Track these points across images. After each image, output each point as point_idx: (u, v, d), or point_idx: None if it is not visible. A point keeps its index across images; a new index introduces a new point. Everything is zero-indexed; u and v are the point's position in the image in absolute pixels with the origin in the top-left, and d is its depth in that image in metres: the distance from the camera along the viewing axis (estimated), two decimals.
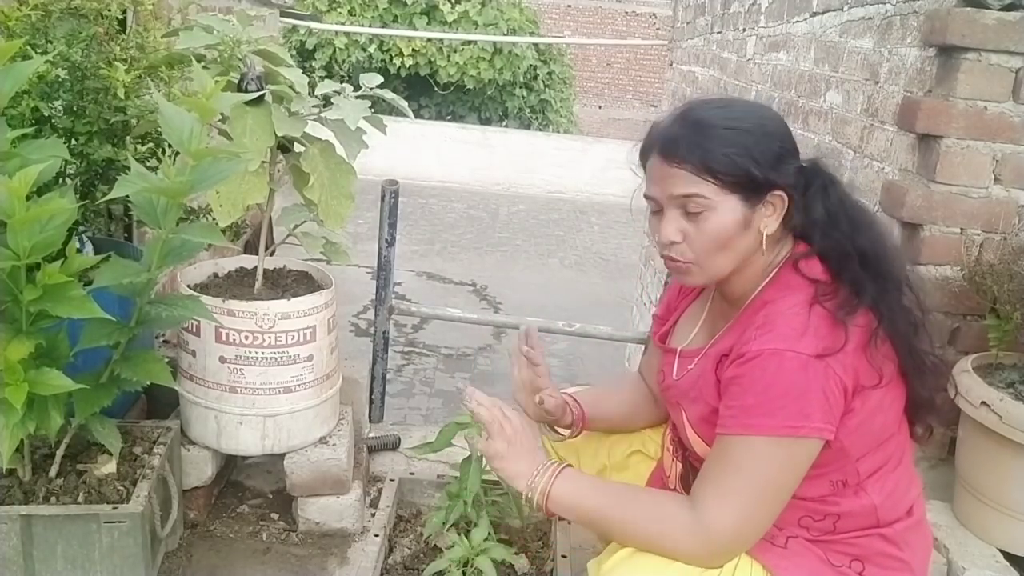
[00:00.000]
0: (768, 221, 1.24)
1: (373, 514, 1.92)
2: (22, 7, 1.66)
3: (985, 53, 1.87)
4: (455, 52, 11.77)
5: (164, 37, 1.87)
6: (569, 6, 17.49)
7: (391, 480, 2.01)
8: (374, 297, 2.49)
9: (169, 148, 1.58)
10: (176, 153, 1.42)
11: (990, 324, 1.88)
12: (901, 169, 2.09)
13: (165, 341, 2.23)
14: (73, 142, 1.72)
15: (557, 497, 1.25)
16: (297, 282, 1.88)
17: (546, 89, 12.82)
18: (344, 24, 11.01)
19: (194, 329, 1.69)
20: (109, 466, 1.58)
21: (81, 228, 1.80)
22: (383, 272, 2.40)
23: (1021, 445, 1.68)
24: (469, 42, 11.63)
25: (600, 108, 17.82)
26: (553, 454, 1.63)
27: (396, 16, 11.69)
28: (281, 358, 1.71)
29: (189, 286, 1.76)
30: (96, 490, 1.53)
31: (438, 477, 2.03)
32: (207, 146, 1.39)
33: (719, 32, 4.10)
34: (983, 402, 1.74)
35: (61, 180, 1.69)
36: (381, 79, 1.77)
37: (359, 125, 1.66)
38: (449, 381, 5.23)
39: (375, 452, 2.21)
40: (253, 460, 2.06)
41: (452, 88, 12.23)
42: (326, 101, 1.69)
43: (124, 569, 1.50)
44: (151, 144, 1.86)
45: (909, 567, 1.27)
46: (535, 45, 12.08)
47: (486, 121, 12.58)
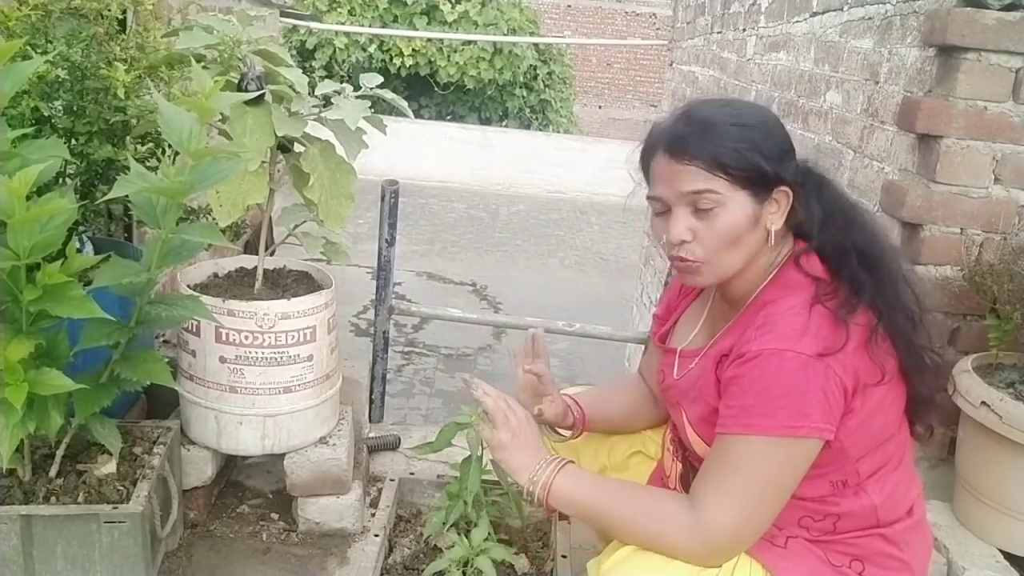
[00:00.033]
0: (774, 218, 1.24)
1: (373, 514, 1.92)
2: (22, 7, 1.66)
3: (985, 53, 1.87)
4: (455, 52, 11.77)
5: (164, 37, 1.87)
6: (569, 6, 17.48)
7: (391, 480, 2.01)
8: (374, 297, 2.50)
9: (169, 148, 1.58)
10: (176, 153, 1.42)
11: (990, 324, 1.88)
12: (901, 169, 2.09)
13: (165, 341, 2.23)
14: (73, 142, 1.73)
15: (558, 492, 1.26)
16: (297, 282, 1.88)
17: (546, 89, 12.81)
18: (344, 24, 11.01)
19: (194, 329, 1.69)
20: (109, 466, 1.58)
21: (81, 228, 1.80)
22: (383, 272, 2.41)
23: (1021, 445, 1.68)
24: (469, 42, 11.63)
25: (600, 108, 17.82)
26: (554, 453, 1.63)
27: (396, 16, 11.69)
28: (281, 358, 1.71)
29: (189, 286, 1.76)
30: (96, 490, 1.53)
31: (438, 477, 2.03)
32: (207, 146, 1.39)
33: (719, 32, 4.10)
34: (983, 402, 1.74)
35: (61, 180, 1.69)
36: (381, 79, 1.77)
37: (359, 125, 1.66)
38: (449, 381, 5.23)
39: (375, 452, 2.21)
40: (253, 460, 2.06)
41: (452, 88, 12.23)
42: (326, 101, 1.69)
43: (124, 569, 1.50)
44: (151, 144, 1.86)
45: (909, 567, 1.27)
46: (535, 45, 12.08)
47: (486, 121, 12.58)
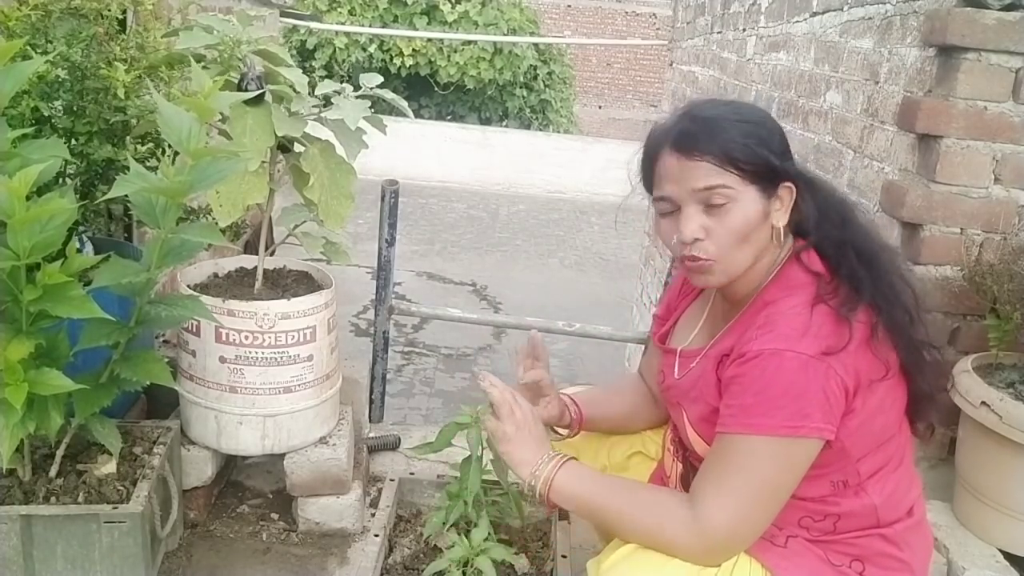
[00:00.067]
0: (779, 215, 1.25)
1: (373, 514, 1.92)
2: (22, 7, 1.66)
3: (985, 53, 1.87)
4: (455, 52, 11.77)
5: (164, 37, 1.87)
6: (569, 6, 17.48)
7: (391, 480, 2.01)
8: (374, 297, 2.50)
9: (169, 148, 1.58)
10: (175, 153, 1.42)
11: (990, 324, 1.88)
12: (901, 169, 2.09)
13: (165, 341, 2.23)
14: (73, 142, 1.72)
15: (559, 487, 1.27)
16: (297, 282, 1.88)
17: (546, 89, 12.81)
18: (344, 24, 11.01)
19: (194, 329, 1.69)
20: (109, 466, 1.58)
21: (81, 228, 1.80)
22: (383, 272, 2.41)
23: (1021, 445, 1.68)
24: (469, 42, 11.63)
25: (600, 108, 17.82)
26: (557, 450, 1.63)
27: (396, 16, 11.69)
28: (281, 358, 1.71)
29: (189, 286, 1.76)
30: (96, 490, 1.53)
31: (438, 477, 2.03)
32: (206, 146, 1.39)
33: (719, 32, 4.10)
34: (983, 402, 1.74)
35: (61, 180, 1.69)
36: (381, 79, 1.77)
37: (359, 125, 1.66)
38: (449, 381, 5.23)
39: (375, 452, 2.21)
40: (253, 460, 2.06)
41: (452, 88, 12.23)
42: (326, 101, 1.69)
43: (124, 569, 1.50)
44: (151, 144, 1.86)
45: (909, 567, 1.27)
46: (535, 45, 12.08)
47: (486, 121, 12.58)
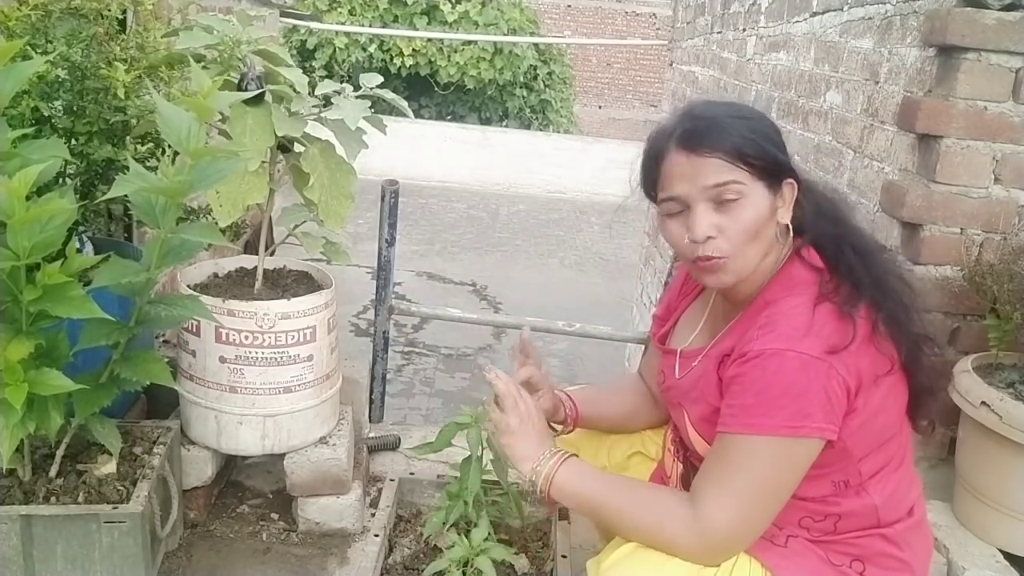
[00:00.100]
0: (783, 211, 1.25)
1: (373, 514, 1.92)
2: (22, 7, 1.66)
3: (985, 53, 1.87)
4: (455, 52, 11.77)
5: (164, 37, 1.87)
6: (569, 6, 17.48)
7: (391, 480, 2.01)
8: (374, 297, 2.50)
9: (168, 148, 1.58)
10: (175, 153, 1.42)
11: (990, 324, 1.88)
12: (901, 169, 2.09)
13: (165, 341, 2.23)
14: (73, 142, 1.72)
15: (560, 483, 1.27)
16: (297, 282, 1.88)
17: (546, 89, 12.81)
18: (344, 24, 11.01)
19: (194, 329, 1.69)
20: (109, 466, 1.58)
21: (81, 228, 1.80)
22: (383, 272, 2.40)
23: (1021, 445, 1.68)
24: (469, 42, 11.63)
25: (600, 108, 17.82)
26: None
27: (396, 16, 11.69)
28: (281, 358, 1.71)
29: (189, 286, 1.76)
30: (96, 490, 1.53)
31: (438, 477, 2.03)
32: (206, 146, 1.39)
33: (719, 32, 4.10)
34: (983, 402, 1.74)
35: (61, 180, 1.69)
36: (381, 79, 1.77)
37: (359, 125, 1.66)
38: (449, 381, 5.23)
39: (375, 452, 2.21)
40: (253, 460, 2.06)
41: (452, 88, 12.23)
42: (326, 101, 1.69)
43: (124, 569, 1.50)
44: (151, 144, 1.86)
45: (910, 567, 1.27)
46: (535, 45, 12.07)
47: (486, 121, 12.58)
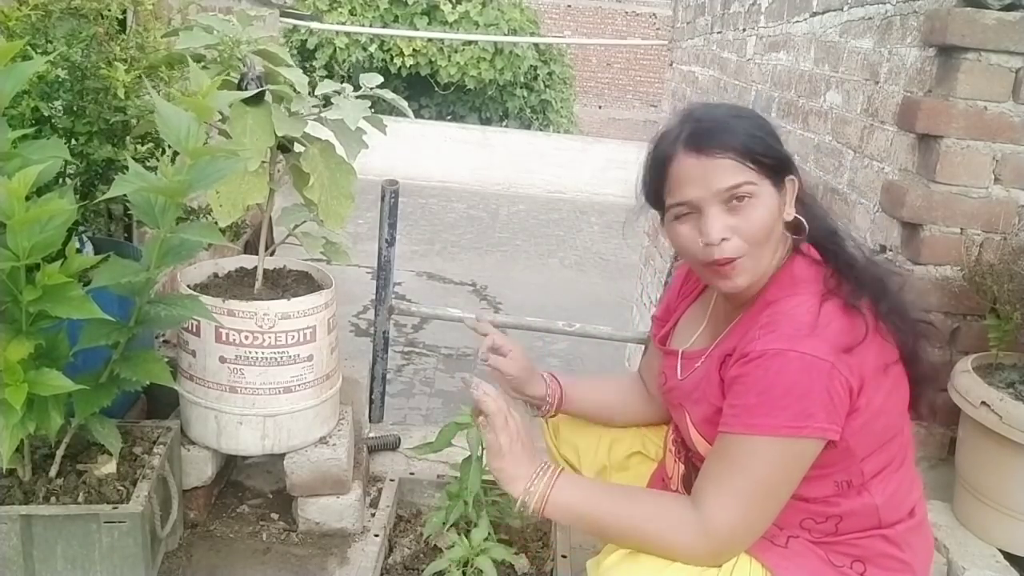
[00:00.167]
0: (788, 208, 1.25)
1: (373, 514, 1.92)
2: (22, 7, 1.66)
3: (985, 53, 1.87)
4: (456, 52, 11.78)
5: (164, 37, 1.87)
6: (569, 6, 17.48)
7: (391, 480, 2.01)
8: (374, 297, 2.50)
9: (168, 148, 1.58)
10: (175, 153, 1.42)
11: (990, 324, 1.88)
12: (901, 169, 2.09)
13: (165, 341, 2.23)
14: (73, 142, 1.72)
15: (556, 502, 1.23)
16: (297, 282, 1.88)
17: (546, 89, 12.81)
18: (345, 24, 11.01)
19: (194, 329, 1.69)
20: (109, 466, 1.58)
21: (81, 228, 1.81)
22: (383, 272, 2.40)
23: (1021, 445, 1.68)
24: (470, 42, 11.63)
25: (600, 108, 17.82)
26: (555, 452, 1.63)
27: (397, 16, 11.69)
28: (281, 358, 1.71)
29: (189, 286, 1.76)
30: (96, 490, 1.53)
31: (438, 477, 2.04)
32: (205, 145, 1.39)
33: (719, 32, 4.10)
34: (983, 402, 1.74)
35: (61, 180, 1.69)
36: (381, 79, 1.77)
37: (359, 125, 1.66)
38: (449, 381, 5.23)
39: (375, 452, 2.21)
40: (253, 460, 2.06)
41: (452, 88, 12.23)
42: (326, 101, 1.69)
43: (124, 569, 1.50)
44: (151, 144, 1.86)
45: (911, 568, 1.27)
46: (535, 45, 12.08)
47: (486, 121, 12.58)
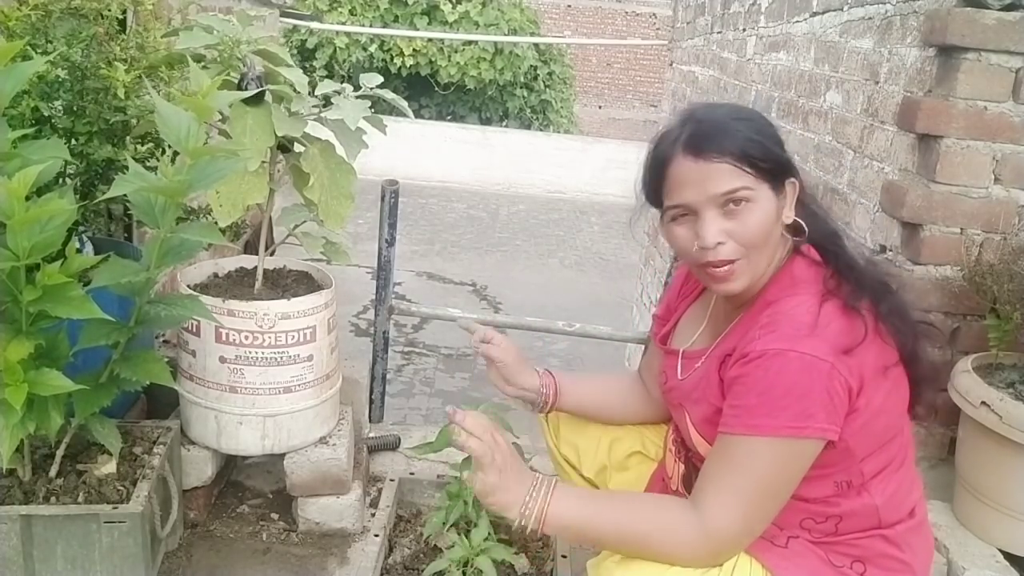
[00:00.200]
0: (787, 211, 1.25)
1: (373, 514, 1.92)
2: (22, 7, 1.66)
3: (985, 53, 1.87)
4: (456, 52, 11.77)
5: (164, 37, 1.87)
6: (569, 6, 17.48)
7: (391, 480, 2.02)
8: (374, 297, 2.49)
9: (168, 148, 1.58)
10: (175, 153, 1.42)
11: (990, 324, 1.88)
12: (901, 169, 2.09)
13: (165, 341, 2.23)
14: (73, 142, 1.73)
15: (554, 516, 1.20)
16: (297, 282, 1.88)
17: (546, 89, 12.81)
18: (345, 24, 11.01)
19: (194, 329, 1.69)
20: (109, 466, 1.58)
21: (81, 228, 1.81)
22: (383, 272, 2.40)
23: (1021, 445, 1.68)
24: (470, 42, 11.63)
25: (600, 108, 17.82)
26: (555, 451, 1.63)
27: (397, 16, 11.69)
28: (281, 358, 1.71)
29: (189, 286, 1.76)
30: (96, 490, 1.53)
31: (438, 477, 2.04)
32: (205, 145, 1.39)
33: (719, 32, 4.10)
34: (983, 402, 1.74)
35: (61, 180, 1.69)
36: (381, 79, 1.77)
37: (359, 125, 1.66)
38: (449, 381, 5.23)
39: (375, 452, 2.21)
40: (253, 460, 2.06)
41: (453, 88, 12.23)
42: (326, 101, 1.69)
43: (124, 569, 1.50)
44: (151, 144, 1.86)
45: (911, 568, 1.27)
46: (535, 45, 12.07)
47: (487, 121, 12.57)
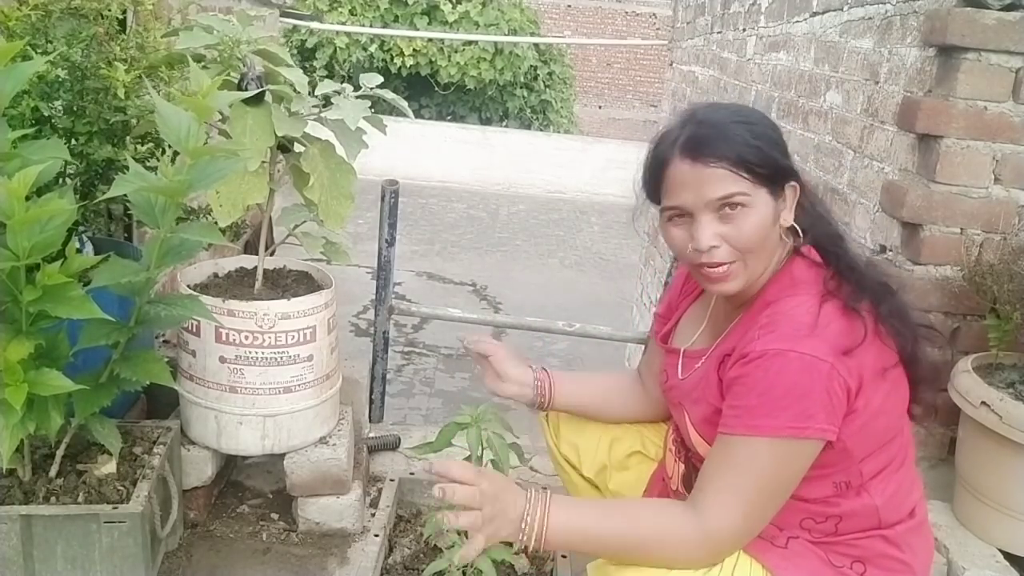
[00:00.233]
0: (786, 214, 1.25)
1: (373, 514, 1.92)
2: (22, 7, 1.66)
3: (985, 53, 1.87)
4: (456, 52, 11.77)
5: (164, 37, 1.87)
6: (569, 6, 17.48)
7: (391, 480, 2.01)
8: (374, 297, 2.49)
9: (168, 148, 1.58)
10: (175, 153, 1.42)
11: (990, 324, 1.88)
12: (901, 169, 2.09)
13: (165, 341, 2.23)
14: (73, 142, 1.72)
15: (554, 532, 1.19)
16: (297, 282, 1.88)
17: (546, 89, 12.81)
18: (345, 24, 11.01)
19: (194, 329, 1.69)
20: (109, 466, 1.58)
21: (81, 228, 1.80)
22: (383, 272, 2.40)
23: (1021, 445, 1.68)
24: (470, 42, 11.62)
25: (600, 108, 17.82)
26: (555, 451, 1.63)
27: (397, 16, 11.69)
28: (281, 358, 1.71)
29: (189, 286, 1.76)
30: (96, 490, 1.53)
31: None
32: (205, 145, 1.39)
33: (719, 32, 4.10)
34: (983, 402, 1.74)
35: (61, 180, 1.69)
36: (381, 79, 1.77)
37: (359, 125, 1.66)
38: (449, 381, 5.23)
39: (375, 452, 2.21)
40: (253, 460, 2.06)
41: (453, 88, 12.23)
42: (326, 101, 1.69)
43: (124, 569, 1.50)
44: (151, 144, 1.86)
45: (911, 569, 1.27)
46: (535, 45, 12.07)
47: (487, 121, 12.57)
